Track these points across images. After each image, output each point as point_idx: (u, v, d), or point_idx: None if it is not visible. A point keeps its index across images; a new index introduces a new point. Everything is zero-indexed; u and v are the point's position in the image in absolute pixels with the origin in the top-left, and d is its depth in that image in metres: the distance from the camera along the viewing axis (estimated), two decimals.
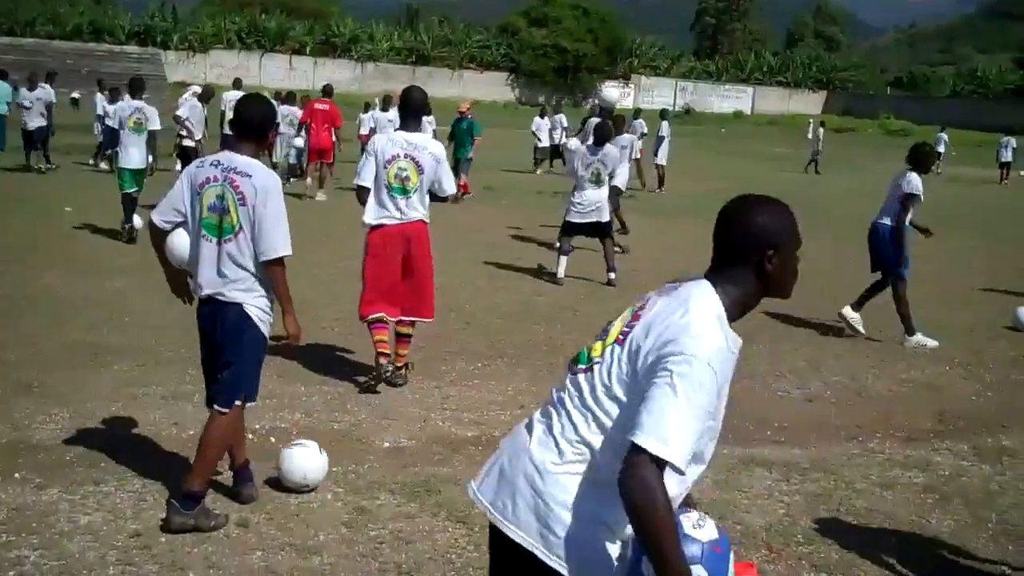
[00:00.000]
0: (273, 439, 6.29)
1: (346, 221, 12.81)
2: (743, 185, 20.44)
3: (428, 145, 7.49)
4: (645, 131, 26.81)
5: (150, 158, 14.10)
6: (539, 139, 28.88)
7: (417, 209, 7.39)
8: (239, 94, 22.33)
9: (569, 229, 12.11)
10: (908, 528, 5.49)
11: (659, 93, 76.20)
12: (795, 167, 34.32)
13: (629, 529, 2.53)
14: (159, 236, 5.15)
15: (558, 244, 12.54)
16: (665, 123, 25.85)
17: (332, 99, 20.05)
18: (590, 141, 12.14)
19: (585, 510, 2.63)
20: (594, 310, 10.46)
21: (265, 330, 5.09)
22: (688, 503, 3.00)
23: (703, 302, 2.68)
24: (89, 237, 13.52)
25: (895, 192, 9.79)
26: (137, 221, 12.97)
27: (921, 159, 9.92)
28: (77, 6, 73.40)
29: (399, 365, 7.63)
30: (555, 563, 2.62)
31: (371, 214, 7.40)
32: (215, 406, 5.06)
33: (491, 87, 72.82)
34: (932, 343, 9.72)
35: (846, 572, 4.91)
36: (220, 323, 5.00)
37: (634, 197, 21.10)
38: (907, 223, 9.73)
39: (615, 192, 12.51)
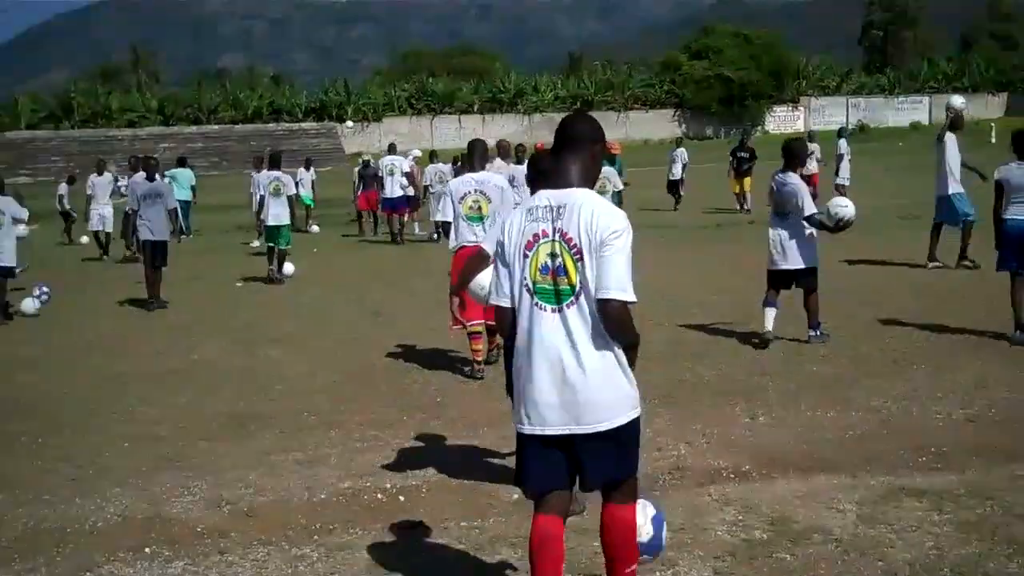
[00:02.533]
0: (402, 498, 6.29)
1: None
2: (922, 199, 19.94)
3: (492, 179, 9.45)
4: (820, 157, 26.14)
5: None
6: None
7: None
8: (396, 157, 23.28)
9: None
10: None
11: (830, 113, 74.38)
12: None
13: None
14: None
15: None
16: (843, 141, 25.20)
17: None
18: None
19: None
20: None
21: None
22: None
23: (593, 196, 4.15)
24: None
25: None
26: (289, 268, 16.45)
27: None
28: (256, 90, 76.97)
29: (490, 348, 9.54)
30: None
31: (453, 240, 9.35)
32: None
33: (658, 125, 72.57)
34: None
35: None
36: None
37: None
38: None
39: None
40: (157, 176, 15.06)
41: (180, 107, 70.88)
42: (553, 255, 4.07)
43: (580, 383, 4.02)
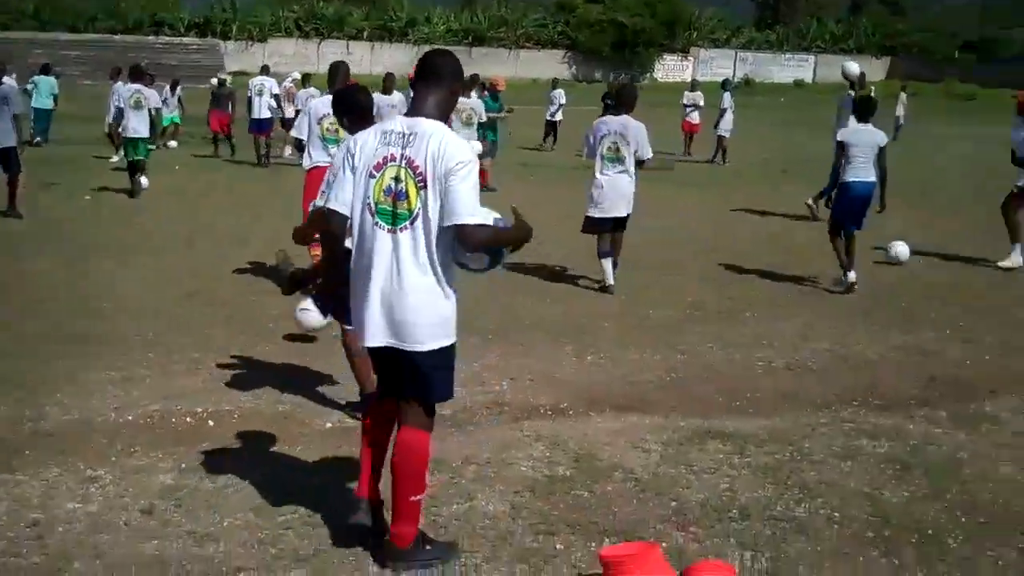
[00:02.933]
0: (211, 423, 6.16)
1: None
2: (802, 155, 20.36)
3: None
4: (701, 103, 26.42)
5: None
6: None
7: None
8: (265, 78, 22.79)
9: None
10: (857, 500, 5.14)
11: (719, 65, 74.98)
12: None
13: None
14: None
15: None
16: (727, 94, 25.08)
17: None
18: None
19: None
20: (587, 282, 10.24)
21: None
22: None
23: (442, 127, 4.22)
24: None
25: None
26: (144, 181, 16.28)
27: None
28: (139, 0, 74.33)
29: None
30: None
31: (307, 160, 9.20)
32: None
33: (549, 65, 72.20)
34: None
35: (775, 549, 4.60)
36: None
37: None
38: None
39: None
40: (5, 79, 14.37)
41: (58, 12, 68.03)
42: (397, 179, 4.18)
43: (399, 303, 4.18)
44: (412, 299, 4.17)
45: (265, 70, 24.55)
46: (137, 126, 16.04)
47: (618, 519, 4.86)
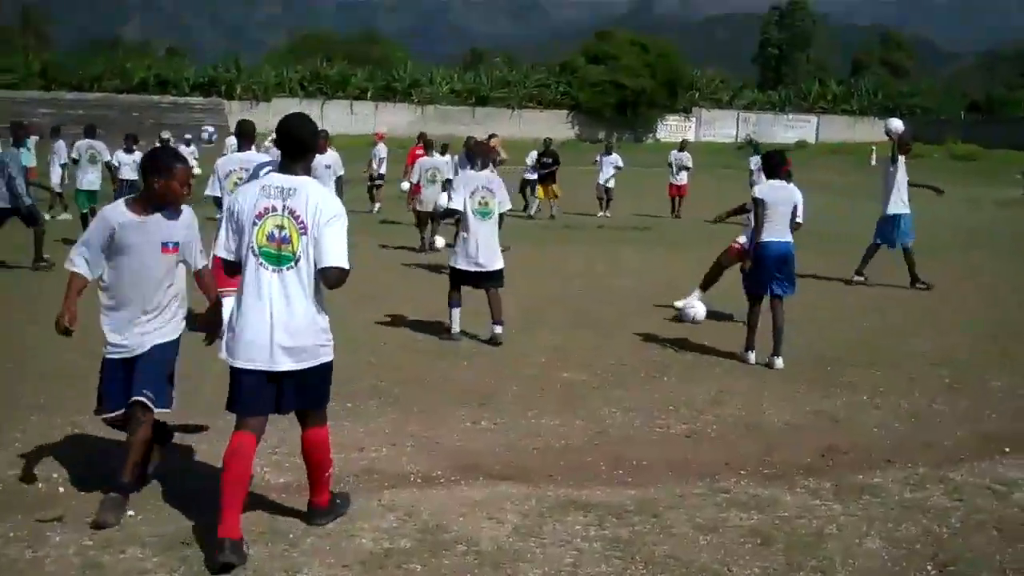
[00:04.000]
0: (62, 489, 5.96)
1: None
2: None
3: (258, 159, 9.39)
4: (689, 165, 26.25)
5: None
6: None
7: None
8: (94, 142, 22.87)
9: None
10: None
11: (720, 125, 75.46)
12: (858, 197, 33.20)
13: None
14: None
15: None
16: (756, 157, 24.63)
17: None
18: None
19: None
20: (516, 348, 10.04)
21: None
22: None
23: (317, 185, 5.16)
24: None
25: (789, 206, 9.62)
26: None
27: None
28: (144, 60, 75.14)
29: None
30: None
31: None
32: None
33: (551, 125, 72.54)
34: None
35: None
36: None
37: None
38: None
39: None
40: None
41: (64, 73, 68.74)
42: (280, 227, 5.01)
43: (290, 331, 5.01)
44: (302, 328, 5.05)
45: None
46: (93, 179, 16.90)
47: None
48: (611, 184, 25.86)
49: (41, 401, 7.78)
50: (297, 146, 5.20)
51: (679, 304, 11.63)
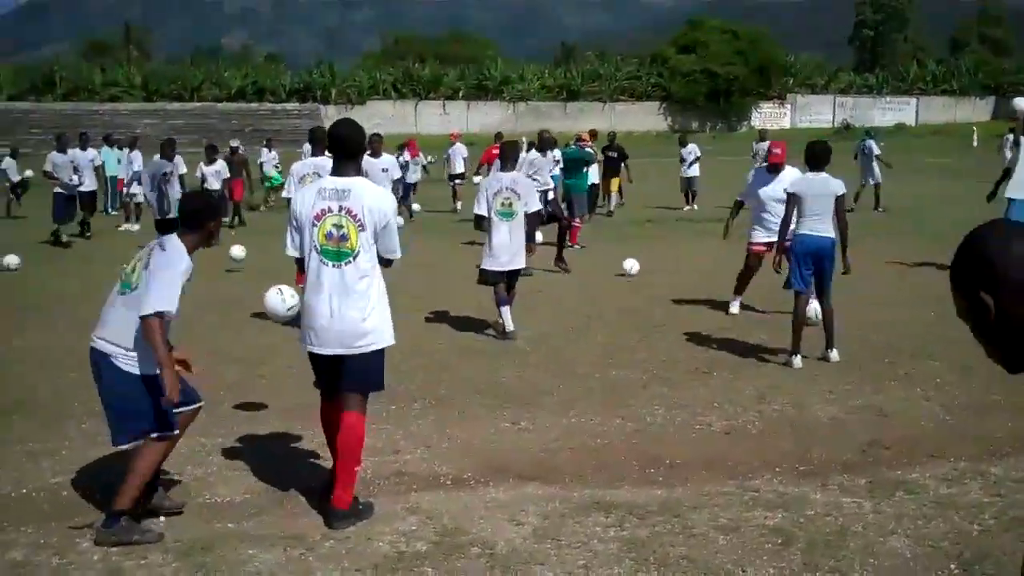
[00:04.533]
0: (99, 496, 6.14)
1: None
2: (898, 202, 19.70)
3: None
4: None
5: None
6: None
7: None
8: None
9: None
10: None
11: (816, 110, 74.22)
12: (960, 181, 32.25)
13: None
14: None
15: None
16: (871, 142, 24.07)
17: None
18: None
19: None
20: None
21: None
22: None
23: (370, 184, 5.66)
24: None
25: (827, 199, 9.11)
26: None
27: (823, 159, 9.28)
28: (241, 69, 76.70)
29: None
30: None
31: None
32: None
33: (644, 117, 72.35)
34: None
35: None
36: None
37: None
38: None
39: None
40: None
41: (165, 84, 70.55)
42: (338, 226, 5.47)
43: (348, 319, 5.47)
44: (360, 317, 5.48)
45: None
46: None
47: None
48: (693, 173, 25.37)
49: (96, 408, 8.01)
50: (347, 150, 5.64)
51: (734, 310, 11.44)
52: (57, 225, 19.15)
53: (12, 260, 15.72)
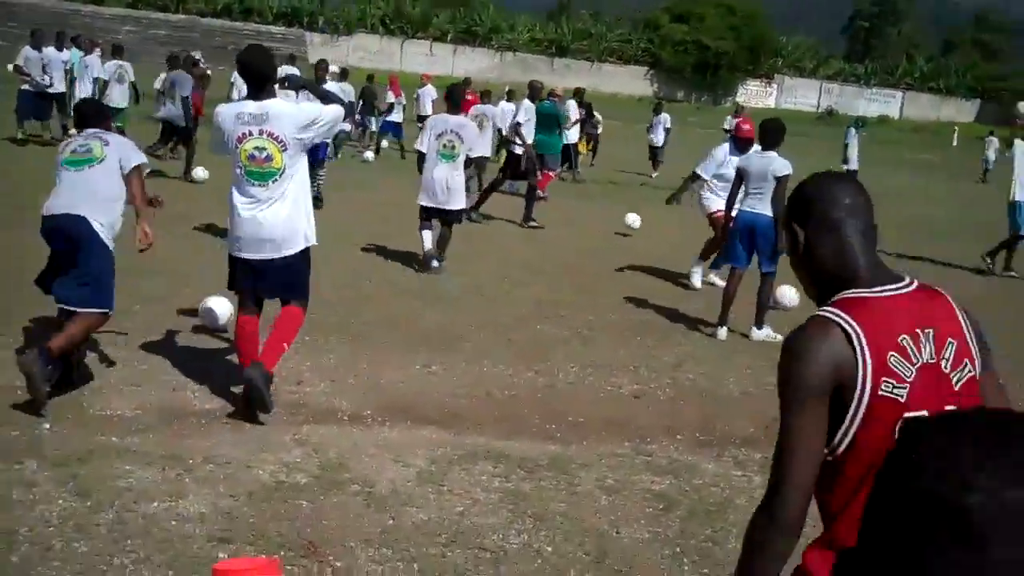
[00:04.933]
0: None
1: None
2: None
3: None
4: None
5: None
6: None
7: None
8: (291, 69, 22.80)
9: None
10: (583, 537, 4.82)
11: (802, 94, 74.17)
12: (933, 178, 32.41)
13: None
14: None
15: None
16: (852, 129, 23.84)
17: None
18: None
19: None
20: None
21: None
22: None
23: (286, 104, 6.24)
24: None
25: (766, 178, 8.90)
26: None
27: (775, 139, 9.10)
28: None
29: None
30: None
31: None
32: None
33: (630, 81, 71.97)
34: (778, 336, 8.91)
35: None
36: None
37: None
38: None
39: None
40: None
41: None
42: (260, 148, 5.90)
43: (273, 227, 5.96)
44: (283, 224, 6.00)
45: (291, 60, 24.90)
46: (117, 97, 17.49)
47: (309, 534, 4.61)
48: (659, 143, 25.39)
49: None
50: (260, 75, 6.05)
51: (696, 282, 11.29)
52: (21, 121, 18.73)
53: None
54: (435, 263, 10.67)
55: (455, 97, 11.28)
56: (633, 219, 14.53)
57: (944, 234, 17.76)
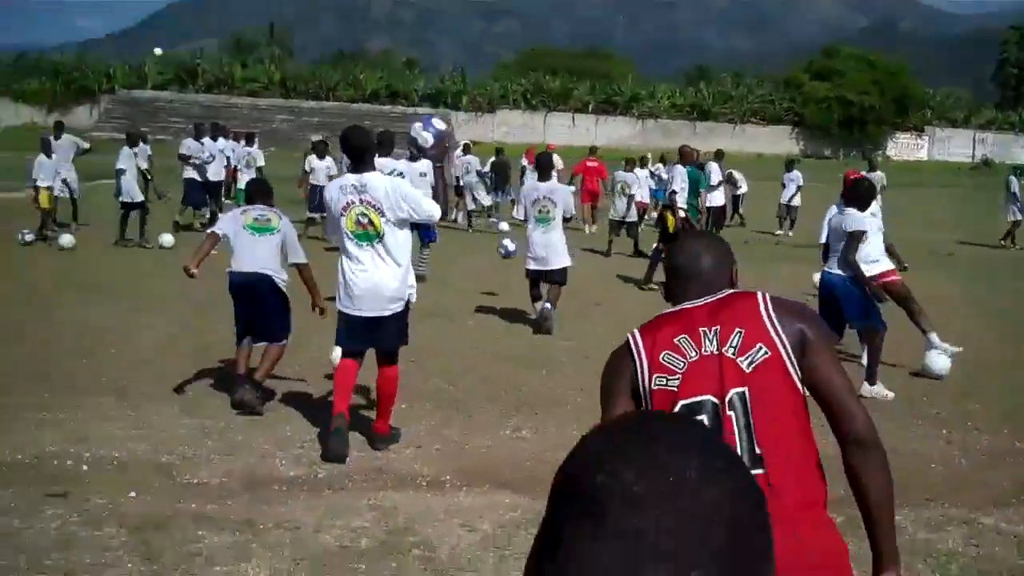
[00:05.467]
0: (86, 468, 6.30)
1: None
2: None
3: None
4: (885, 183, 24.75)
5: None
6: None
7: None
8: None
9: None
10: None
11: (955, 144, 72.03)
12: None
13: None
14: None
15: None
16: (1013, 179, 23.07)
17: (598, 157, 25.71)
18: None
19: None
20: None
21: None
22: None
23: (382, 176, 7.03)
24: None
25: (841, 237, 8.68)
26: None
27: (854, 196, 8.84)
28: (377, 71, 78.15)
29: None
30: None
31: None
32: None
33: (775, 141, 71.15)
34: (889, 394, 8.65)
35: None
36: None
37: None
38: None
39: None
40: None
41: (303, 82, 72.22)
42: (362, 214, 6.63)
43: (381, 287, 6.68)
44: (389, 285, 6.72)
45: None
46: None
47: None
48: (795, 203, 25.01)
49: (115, 386, 8.25)
50: (358, 150, 6.79)
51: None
52: (184, 208, 19.56)
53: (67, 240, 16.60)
54: (547, 306, 11.09)
55: (544, 165, 11.91)
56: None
57: None
